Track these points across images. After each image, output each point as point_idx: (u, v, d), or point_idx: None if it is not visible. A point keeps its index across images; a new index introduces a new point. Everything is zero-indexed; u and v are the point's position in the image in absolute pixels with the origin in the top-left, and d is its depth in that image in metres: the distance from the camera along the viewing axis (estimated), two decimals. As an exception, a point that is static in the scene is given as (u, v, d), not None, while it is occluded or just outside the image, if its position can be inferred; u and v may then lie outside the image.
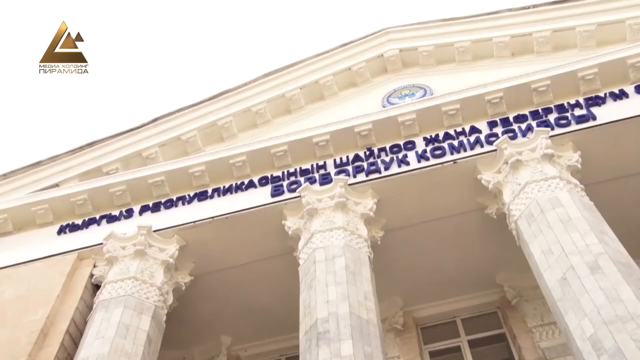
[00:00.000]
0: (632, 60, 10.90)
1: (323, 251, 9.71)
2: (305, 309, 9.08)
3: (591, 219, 8.83)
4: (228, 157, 11.93)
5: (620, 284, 7.66)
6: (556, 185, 9.42)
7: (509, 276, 11.55)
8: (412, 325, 11.76)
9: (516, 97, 11.25)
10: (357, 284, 9.16)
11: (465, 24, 13.95)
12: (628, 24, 12.29)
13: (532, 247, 8.90)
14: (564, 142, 10.32)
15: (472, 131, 11.15)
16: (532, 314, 11.09)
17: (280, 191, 11.23)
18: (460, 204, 10.89)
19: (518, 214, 9.49)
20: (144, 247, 10.69)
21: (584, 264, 8.04)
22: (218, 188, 11.75)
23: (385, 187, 10.85)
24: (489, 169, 10.44)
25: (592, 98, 10.86)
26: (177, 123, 13.63)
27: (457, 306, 11.99)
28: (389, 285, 11.31)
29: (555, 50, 12.97)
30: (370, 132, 11.62)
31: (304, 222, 10.58)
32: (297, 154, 11.77)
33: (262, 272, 11.54)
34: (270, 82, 14.09)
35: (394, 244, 11.07)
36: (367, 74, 14.33)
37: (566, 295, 7.93)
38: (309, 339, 8.47)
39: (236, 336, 12.41)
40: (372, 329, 8.57)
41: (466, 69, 13.64)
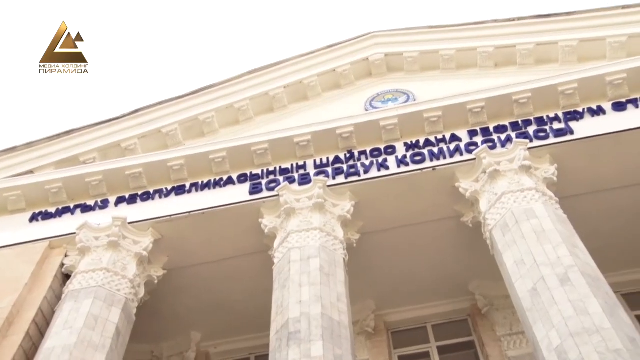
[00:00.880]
0: (610, 77, 11.07)
1: (298, 251, 9.71)
2: (277, 308, 9.06)
3: (564, 231, 8.95)
4: (208, 153, 11.87)
5: (589, 297, 7.78)
6: (532, 197, 9.53)
7: (481, 285, 11.66)
8: (383, 329, 11.81)
9: (497, 108, 11.36)
10: (331, 285, 9.18)
11: (451, 32, 14.05)
12: (609, 42, 12.47)
13: (506, 257, 8.99)
14: (541, 155, 10.44)
15: (453, 139, 11.24)
16: (501, 323, 11.21)
17: (259, 189, 11.21)
18: (437, 211, 10.96)
19: (493, 223, 9.58)
20: (118, 239, 10.59)
21: (555, 276, 8.14)
22: (196, 183, 11.69)
23: (364, 190, 10.88)
24: (467, 178, 10.52)
25: (570, 113, 11.00)
26: (158, 115, 13.52)
27: (429, 312, 12.07)
28: (363, 288, 11.35)
29: (538, 64, 13.12)
30: (351, 134, 11.65)
31: (280, 222, 10.56)
32: (278, 153, 11.75)
33: (236, 269, 11.50)
34: (255, 80, 14.04)
35: (370, 247, 11.11)
36: (351, 77, 14.35)
37: (536, 306, 8.02)
38: (280, 339, 8.47)
39: (206, 332, 12.35)
40: (344, 331, 8.59)
41: (450, 77, 13.74)
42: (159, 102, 13.71)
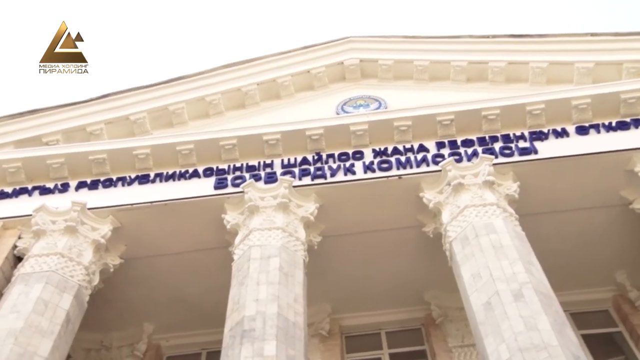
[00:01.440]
0: (576, 101, 11.33)
1: (259, 249, 9.68)
2: (233, 305, 9.02)
3: (521, 248, 9.12)
4: (175, 144, 11.75)
5: (539, 313, 7.94)
6: (493, 212, 9.70)
7: (437, 295, 11.81)
8: (337, 333, 11.85)
9: (466, 122, 11.52)
10: (289, 286, 9.17)
11: (427, 44, 14.21)
12: (576, 67, 12.79)
13: (463, 270, 9.12)
14: (505, 172, 10.63)
15: (420, 149, 11.35)
16: (453, 334, 11.37)
17: (224, 184, 11.14)
18: (400, 219, 11.06)
19: (454, 235, 9.71)
20: (76, 224, 10.38)
21: (509, 291, 8.30)
22: (161, 173, 11.55)
23: (329, 193, 10.91)
24: (432, 188, 10.65)
25: (536, 132, 11.23)
26: (127, 102, 13.31)
27: (384, 319, 12.16)
28: (320, 290, 11.36)
29: (508, 82, 13.35)
30: (321, 137, 11.67)
31: (243, 218, 10.51)
32: (246, 149, 11.69)
33: (194, 263, 11.41)
34: (228, 75, 13.95)
35: (331, 250, 11.14)
36: (325, 79, 14.38)
37: (488, 320, 8.16)
38: (234, 336, 8.42)
39: (159, 325, 12.21)
40: (298, 332, 8.59)
41: (422, 88, 13.87)
42: (128, 88, 13.51)
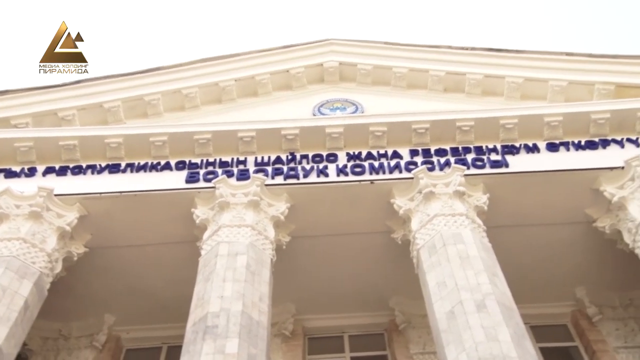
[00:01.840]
0: (548, 118, 11.53)
1: (227, 246, 9.63)
2: (197, 301, 8.95)
3: (487, 259, 9.24)
4: (149, 135, 11.62)
5: (500, 324, 8.05)
6: (462, 222, 9.81)
7: (401, 301, 11.89)
8: (300, 334, 11.84)
9: (441, 131, 11.64)
10: (255, 284, 9.14)
11: (407, 52, 14.31)
12: (550, 84, 13.03)
13: (429, 277, 9.21)
14: (476, 183, 10.76)
15: (394, 155, 11.43)
16: (415, 341, 11.47)
17: (196, 178, 11.05)
18: (370, 224, 11.11)
19: (422, 243, 9.79)
20: (41, 210, 10.18)
21: (473, 301, 8.39)
22: (132, 164, 11.41)
23: (301, 194, 10.91)
24: (403, 195, 10.72)
25: (508, 146, 11.40)
26: (101, 90, 13.11)
27: (347, 322, 12.20)
28: (286, 290, 11.34)
29: (484, 95, 13.54)
30: (296, 137, 11.67)
31: (213, 214, 10.45)
32: (220, 145, 11.63)
33: (160, 256, 11.30)
34: (207, 69, 13.85)
35: (299, 251, 11.14)
36: (304, 80, 14.38)
37: (451, 328, 8.24)
38: (196, 331, 8.36)
39: (121, 316, 12.07)
40: (261, 331, 8.57)
41: (399, 95, 13.98)
42: (104, 76, 13.32)
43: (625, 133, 11.44)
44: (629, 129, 11.47)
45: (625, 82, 12.69)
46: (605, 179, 10.63)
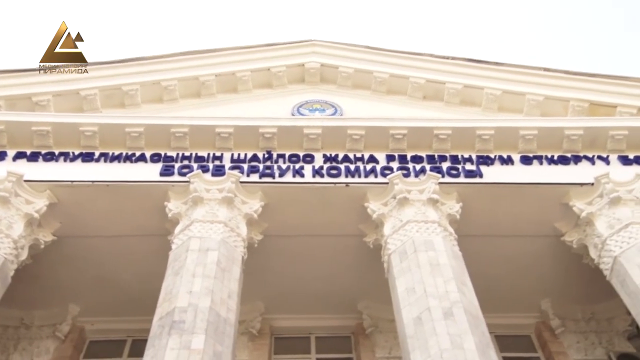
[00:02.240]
0: (524, 131, 11.70)
1: (198, 241, 9.56)
2: (165, 295, 8.87)
3: (456, 268, 9.34)
4: (125, 125, 11.49)
5: (466, 333, 8.15)
6: (434, 229, 9.90)
7: (369, 305, 11.95)
8: (267, 333, 11.83)
9: (418, 138, 11.72)
10: (225, 281, 9.09)
11: (389, 57, 14.39)
12: (527, 98, 13.24)
13: (398, 283, 9.26)
14: (450, 191, 10.86)
15: (370, 160, 11.48)
16: (382, 345, 11.53)
17: (171, 172, 10.96)
18: (343, 226, 11.14)
19: (393, 248, 9.85)
20: (9, 195, 10.00)
21: (440, 309, 8.47)
22: (106, 153, 11.27)
23: (275, 193, 10.89)
24: (377, 200, 10.77)
25: (483, 157, 11.54)
26: (78, 77, 12.88)
27: (315, 324, 12.21)
28: (255, 289, 11.33)
29: (462, 104, 13.69)
30: (274, 136, 11.65)
31: (186, 208, 10.37)
32: (197, 139, 11.55)
33: (130, 248, 11.19)
34: (187, 62, 13.73)
35: (270, 250, 11.12)
36: (284, 79, 14.36)
37: (417, 334, 8.31)
38: (162, 326, 8.28)
39: (86, 307, 11.92)
40: (228, 329, 8.52)
41: (378, 100, 14.05)
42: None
43: (596, 150, 11.67)
44: (601, 147, 11.70)
45: (599, 100, 12.96)
46: (575, 194, 10.82)
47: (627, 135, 11.64)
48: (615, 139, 11.64)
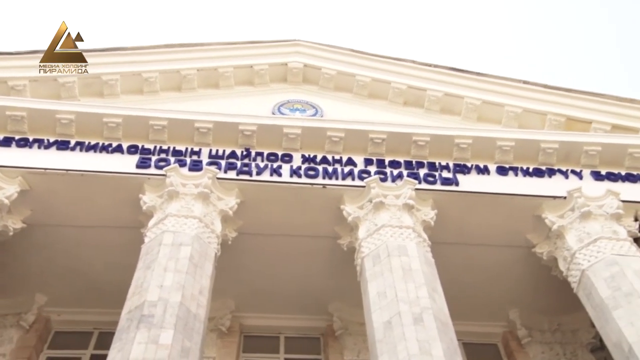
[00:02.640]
0: (501, 142, 11.75)
1: (172, 235, 9.49)
2: (136, 288, 8.78)
3: (428, 274, 9.41)
4: (103, 115, 11.35)
5: (435, 339, 8.21)
6: (408, 235, 9.96)
7: (340, 307, 11.97)
8: (237, 331, 11.78)
9: (397, 144, 11.78)
10: (197, 277, 9.04)
11: (372, 61, 14.43)
12: (506, 109, 13.40)
13: (370, 286, 9.30)
14: (425, 198, 10.94)
15: (348, 162, 11.51)
16: (350, 348, 11.56)
17: (147, 164, 10.85)
18: (317, 228, 11.15)
19: (367, 252, 9.89)
20: (-21, 180, 9.80)
21: (410, 314, 8.53)
22: (82, 142, 11.12)
23: (252, 191, 10.86)
24: (353, 203, 10.80)
25: (460, 165, 11.64)
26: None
27: (285, 323, 12.20)
28: (227, 286, 11.28)
29: (442, 112, 13.79)
30: (253, 133, 11.61)
31: (161, 202, 10.28)
32: (175, 133, 11.46)
33: (101, 239, 11.06)
34: (170, 55, 13.61)
35: (244, 248, 11.09)
36: (266, 77, 14.33)
37: (386, 338, 8.35)
38: (131, 319, 8.20)
39: (53, 297, 11.73)
40: (198, 325, 8.47)
41: (359, 103, 14.10)
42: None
43: (570, 164, 11.86)
44: (575, 161, 11.89)
45: (575, 115, 13.18)
46: (547, 206, 10.98)
47: (601, 151, 11.85)
48: (589, 154, 11.84)
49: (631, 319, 8.84)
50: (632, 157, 11.83)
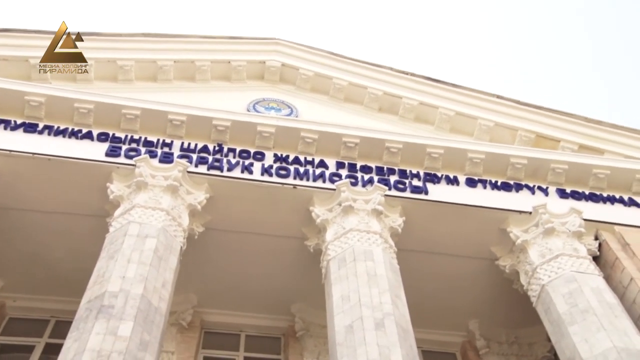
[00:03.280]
0: (472, 154, 11.98)
1: (138, 227, 9.37)
2: (97, 278, 8.65)
3: (393, 280, 9.48)
4: (74, 100, 11.16)
5: (395, 345, 8.27)
6: (375, 240, 10.02)
7: (303, 309, 11.95)
8: (198, 327, 11.67)
9: (369, 149, 11.84)
10: (160, 270, 8.94)
11: (350, 65, 14.50)
12: (479, 122, 13.60)
13: (334, 290, 9.33)
14: (394, 205, 11.02)
15: (320, 164, 11.53)
16: (311, 350, 11.56)
17: (117, 153, 10.71)
18: (285, 228, 11.13)
19: (333, 255, 9.91)
20: (-58, 158, 9.53)
21: (372, 319, 8.57)
22: (51, 126, 10.91)
23: (222, 186, 10.80)
24: (323, 205, 10.82)
25: (430, 174, 11.76)
26: (30, 43, 12.43)
27: (246, 322, 12.12)
28: (190, 281, 11.19)
29: (416, 121, 13.93)
30: (227, 129, 11.55)
31: (129, 192, 10.15)
32: (148, 123, 11.33)
33: (65, 226, 10.88)
34: (147, 44, 13.46)
35: (210, 243, 11.01)
36: (243, 74, 14.27)
37: (347, 342, 8.38)
38: (90, 309, 8.08)
39: (10, 282, 11.46)
40: (158, 318, 8.38)
41: (334, 106, 14.15)
42: (35, 30, 12.65)
43: (537, 181, 12.08)
44: (542, 178, 12.11)
45: (545, 133, 13.45)
46: (513, 220, 11.16)
47: (567, 170, 12.09)
48: (556, 172, 12.08)
49: (585, 335, 9.04)
50: (596, 177, 12.11)
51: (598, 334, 8.94)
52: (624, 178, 12.14)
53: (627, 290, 10.26)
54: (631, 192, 12.11)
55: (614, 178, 12.10)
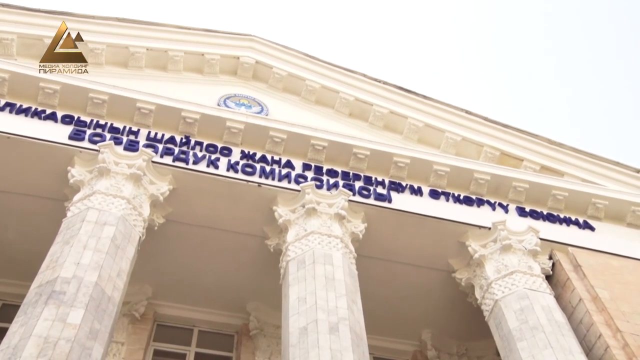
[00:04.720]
0: (437, 166, 12.13)
1: (97, 213, 9.20)
2: (50, 262, 8.45)
3: (350, 286, 9.52)
4: (39, 79, 10.91)
5: (348, 350, 8.31)
6: (335, 244, 10.05)
7: (259, 308, 11.90)
8: (150, 319, 11.51)
9: (337, 153, 11.89)
10: (117, 259, 8.79)
11: (324, 68, 14.50)
12: (446, 135, 13.72)
13: (291, 290, 9.32)
14: (358, 210, 11.07)
15: (287, 165, 11.51)
16: (263, 349, 11.51)
17: (81, 137, 10.49)
18: (247, 225, 11.08)
19: (293, 256, 9.91)
20: None
21: (327, 323, 8.60)
22: (14, 104, 10.64)
23: (186, 179, 10.69)
24: (286, 206, 10.81)
25: (395, 183, 11.86)
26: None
27: (200, 317, 12.02)
28: (146, 272, 11.02)
29: (385, 129, 14.02)
30: (195, 122, 11.45)
31: (90, 177, 9.96)
32: (115, 110, 11.15)
33: (19, 207, 10.62)
34: (120, 29, 13.22)
35: (170, 235, 10.88)
36: (216, 68, 14.15)
37: (300, 344, 8.38)
38: (40, 294, 7.89)
39: (-43, 263, 11.09)
40: (111, 308, 8.24)
41: (305, 108, 14.15)
42: (6, 3, 12.31)
43: (499, 197, 12.30)
44: (503, 195, 12.35)
45: (509, 151, 13.70)
46: (472, 235, 11.34)
47: (528, 189, 12.35)
48: (517, 190, 12.32)
49: (533, 351, 9.24)
50: (555, 198, 12.40)
51: (545, 351, 9.14)
52: (581, 201, 12.46)
53: (575, 310, 10.53)
54: (586, 215, 12.43)
55: (571, 200, 12.41)
